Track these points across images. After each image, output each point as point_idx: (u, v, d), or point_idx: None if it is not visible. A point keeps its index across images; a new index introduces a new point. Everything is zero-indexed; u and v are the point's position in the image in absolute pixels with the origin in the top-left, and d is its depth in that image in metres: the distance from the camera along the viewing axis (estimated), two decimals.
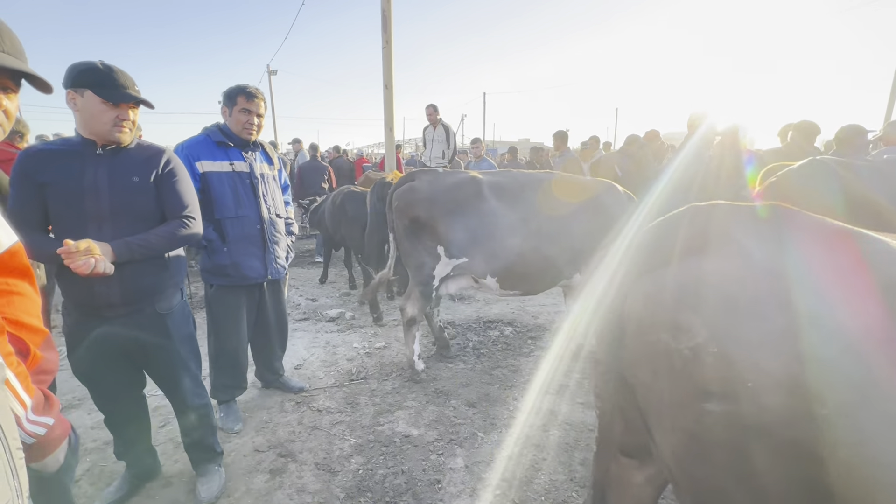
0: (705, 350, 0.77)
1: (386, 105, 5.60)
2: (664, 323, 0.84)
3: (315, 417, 2.67)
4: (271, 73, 20.38)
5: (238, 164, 2.40)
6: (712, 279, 0.81)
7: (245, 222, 2.40)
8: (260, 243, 2.47)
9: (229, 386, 2.61)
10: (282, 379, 2.96)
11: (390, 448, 2.38)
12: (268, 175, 2.53)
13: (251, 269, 2.45)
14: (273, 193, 2.55)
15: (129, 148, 1.75)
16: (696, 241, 0.88)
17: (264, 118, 2.47)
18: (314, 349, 3.66)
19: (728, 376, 0.74)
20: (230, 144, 2.40)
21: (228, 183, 2.36)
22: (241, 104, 2.34)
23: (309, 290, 5.35)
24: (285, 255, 2.65)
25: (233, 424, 2.53)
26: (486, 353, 3.57)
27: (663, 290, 0.87)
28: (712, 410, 0.76)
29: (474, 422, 2.62)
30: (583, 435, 2.49)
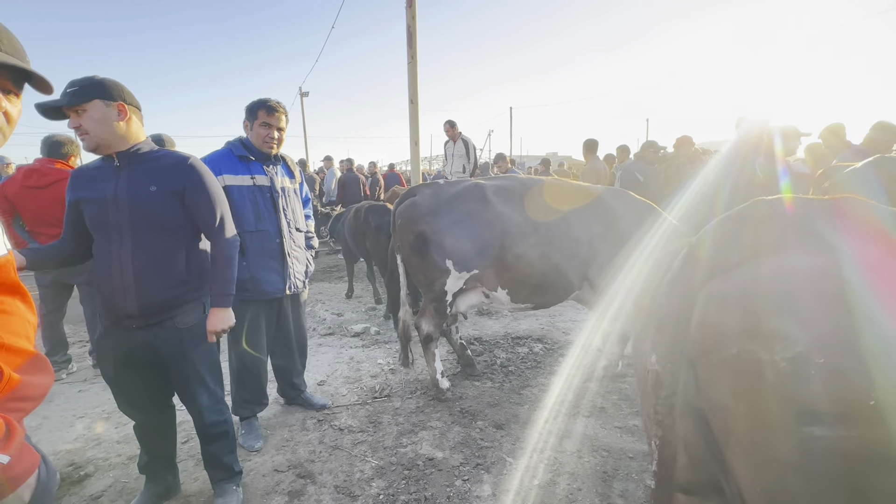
0: (809, 361, 0.62)
1: (412, 120, 5.62)
2: (750, 331, 0.70)
3: (336, 436, 2.58)
4: (303, 95, 21.13)
5: (259, 178, 2.39)
6: (806, 276, 0.67)
7: (265, 236, 2.38)
8: (279, 257, 2.45)
9: (249, 402, 2.57)
10: (303, 395, 2.90)
11: (413, 472, 2.25)
12: (289, 189, 2.53)
13: (270, 284, 2.43)
14: (293, 207, 2.54)
15: (149, 157, 1.75)
16: (774, 236, 0.75)
17: (285, 132, 2.47)
18: (338, 365, 3.60)
19: (841, 393, 0.60)
20: (251, 158, 2.40)
21: (249, 197, 2.35)
22: (261, 118, 2.35)
23: (335, 304, 5.34)
24: (304, 270, 2.62)
25: (253, 442, 2.47)
26: (514, 370, 3.40)
27: (745, 292, 0.73)
28: (821, 436, 0.61)
29: (503, 445, 2.46)
30: (621, 463, 2.29)
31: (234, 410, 2.53)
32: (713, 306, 0.77)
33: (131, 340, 1.77)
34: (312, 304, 5.30)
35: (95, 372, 3.45)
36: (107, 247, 1.71)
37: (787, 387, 0.65)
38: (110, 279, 1.71)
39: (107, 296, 1.74)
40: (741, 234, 0.79)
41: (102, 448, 2.53)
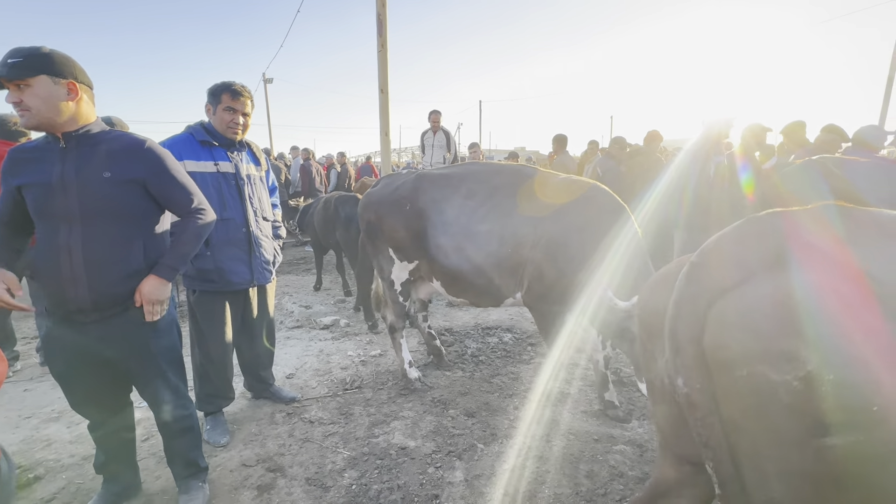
0: (820, 378, 0.65)
1: (382, 110, 5.53)
2: (759, 353, 0.72)
3: (307, 429, 2.55)
4: (267, 82, 20.35)
5: (223, 165, 2.30)
6: (807, 294, 0.69)
7: (230, 225, 2.30)
8: (246, 247, 2.37)
9: (215, 396, 2.49)
10: (272, 389, 2.84)
11: (385, 461, 2.26)
12: (254, 176, 2.44)
13: (236, 275, 2.35)
14: (260, 195, 2.46)
15: (100, 139, 1.62)
16: (771, 253, 0.76)
17: (251, 117, 2.38)
18: (307, 358, 3.54)
19: (851, 404, 0.64)
20: (214, 144, 2.30)
21: (213, 184, 2.25)
22: (225, 102, 2.26)
23: (303, 297, 5.23)
24: (272, 260, 2.55)
25: (219, 437, 2.40)
26: (485, 360, 3.46)
27: (749, 313, 0.74)
28: (835, 445, 0.65)
29: (473, 432, 2.51)
30: (587, 445, 2.38)
31: (199, 406, 2.44)
32: (720, 328, 0.78)
33: (84, 336, 1.66)
34: (280, 297, 5.16)
35: (43, 370, 3.24)
36: (52, 236, 1.58)
37: (800, 404, 0.68)
38: (58, 271, 1.58)
39: (55, 289, 1.60)
40: (739, 251, 0.80)
41: (53, 449, 2.39)
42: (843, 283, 0.68)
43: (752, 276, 0.76)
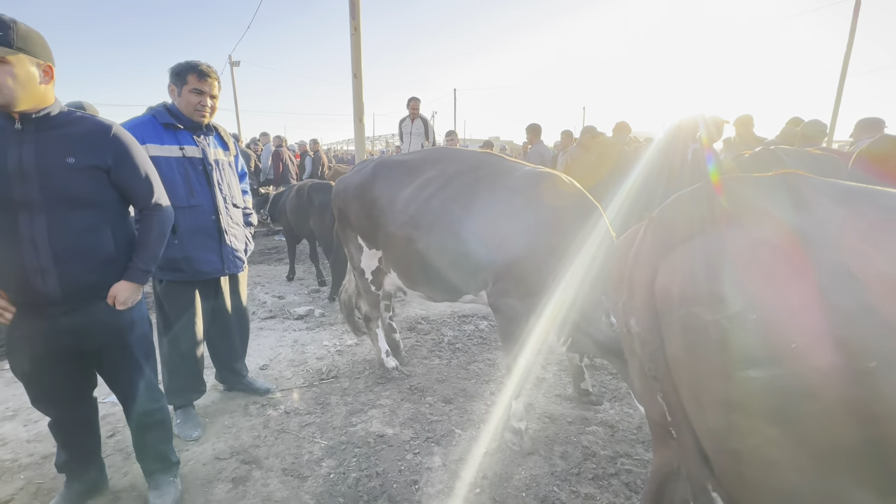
0: (744, 318, 0.75)
1: (355, 95, 5.40)
2: (696, 296, 0.82)
3: (282, 420, 2.51)
4: (233, 65, 19.54)
5: (189, 149, 2.19)
6: (742, 247, 0.80)
7: (198, 212, 2.20)
8: (216, 235, 2.28)
9: (185, 389, 2.42)
10: (245, 380, 2.77)
11: (364, 449, 2.25)
12: (223, 161, 2.34)
13: (206, 264, 2.27)
14: (229, 181, 2.37)
15: (61, 122, 1.52)
16: (720, 213, 0.87)
17: (218, 99, 2.28)
18: (281, 348, 3.47)
19: (771, 341, 0.73)
20: (179, 127, 2.19)
21: (178, 170, 2.15)
22: (192, 83, 2.14)
23: (276, 287, 5.11)
24: (244, 248, 2.47)
25: (191, 431, 2.33)
26: (461, 347, 3.48)
27: (692, 264, 0.85)
28: (757, 377, 0.74)
29: (451, 418, 2.53)
30: (561, 428, 2.44)
31: (169, 399, 2.36)
32: (668, 275, 0.89)
33: (54, 329, 1.58)
34: (252, 287, 5.03)
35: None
36: (12, 225, 1.47)
37: (726, 339, 0.78)
38: (22, 262, 1.48)
39: (19, 281, 1.50)
40: (691, 211, 0.91)
41: (9, 448, 2.26)
42: (771, 236, 0.78)
43: (698, 232, 0.87)
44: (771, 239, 0.77)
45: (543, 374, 3.02)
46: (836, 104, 10.78)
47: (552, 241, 2.08)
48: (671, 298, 0.87)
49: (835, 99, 10.79)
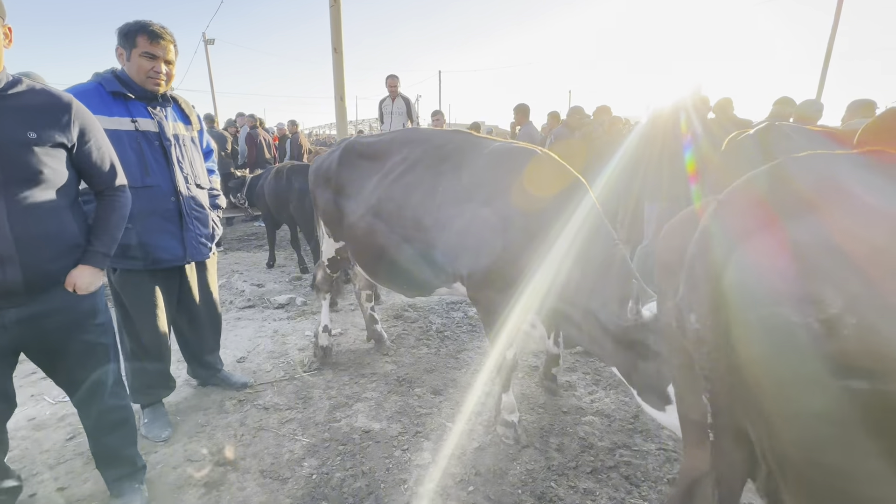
0: (842, 321, 0.63)
1: (336, 71, 5.13)
2: (781, 295, 0.70)
3: (261, 416, 2.35)
4: (208, 42, 18.69)
5: (143, 122, 1.95)
6: (837, 239, 0.67)
7: (155, 194, 1.98)
8: (176, 219, 2.06)
9: (151, 386, 2.23)
10: (220, 374, 2.59)
11: (349, 446, 2.11)
12: (184, 136, 2.10)
13: (165, 251, 2.05)
14: (192, 159, 2.13)
15: (14, 93, 1.34)
16: (803, 197, 0.73)
17: (175, 66, 2.03)
18: (260, 339, 3.28)
19: (875, 350, 0.61)
20: (130, 96, 1.95)
21: (131, 145, 1.91)
22: (142, 46, 1.89)
23: (255, 274, 4.88)
24: (210, 233, 2.25)
25: (160, 432, 2.15)
26: (450, 335, 3.35)
27: (774, 256, 0.72)
28: (858, 389, 0.63)
29: (441, 411, 2.41)
30: (556, 418, 2.34)
31: (134, 398, 2.18)
32: (743, 268, 0.76)
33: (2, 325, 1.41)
34: (229, 275, 4.80)
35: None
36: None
37: (820, 346, 0.66)
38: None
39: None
40: (769, 194, 0.78)
41: None
42: (873, 229, 0.65)
43: (780, 218, 0.74)
44: (870, 228, 0.65)
45: (535, 361, 2.92)
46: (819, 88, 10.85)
47: (530, 225, 1.85)
48: (747, 295, 0.75)
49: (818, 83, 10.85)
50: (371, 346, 3.14)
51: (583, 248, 1.79)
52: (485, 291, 2.00)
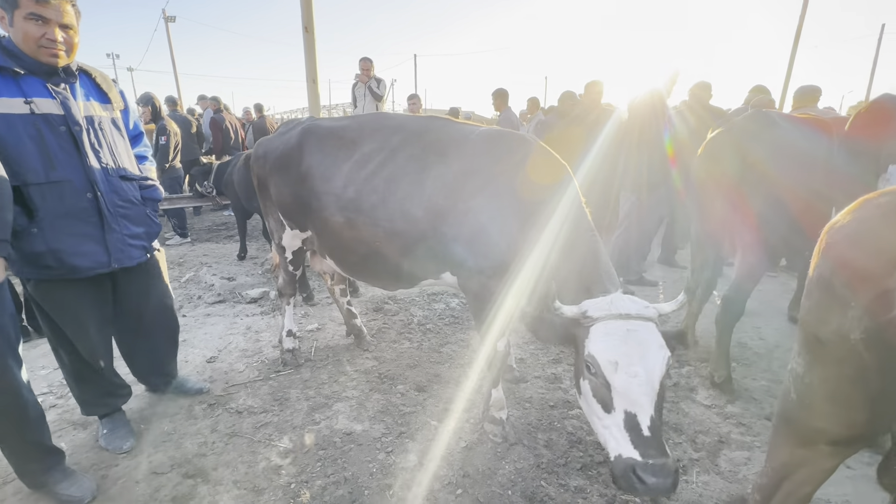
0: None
1: (307, 51, 4.86)
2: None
3: (234, 421, 2.20)
4: (168, 20, 17.62)
5: (42, 103, 1.60)
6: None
7: (65, 190, 1.65)
8: (95, 219, 1.73)
9: (103, 395, 2.01)
10: (175, 382, 2.38)
11: (329, 451, 2.00)
12: (100, 118, 1.77)
13: (82, 257, 1.72)
14: (112, 145, 1.80)
15: None
16: None
17: (77, 31, 1.67)
18: (232, 337, 3.11)
19: None
20: (20, 72, 1.58)
21: (27, 132, 1.57)
22: (26, 6, 1.51)
23: (225, 267, 4.64)
24: (145, 231, 1.92)
25: (121, 442, 1.98)
26: (432, 328, 3.26)
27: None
28: None
29: (426, 408, 2.32)
30: (544, 413, 2.30)
31: (88, 411, 1.99)
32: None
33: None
34: (197, 268, 4.55)
35: None
36: None
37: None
38: None
39: None
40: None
41: None
42: None
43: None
44: None
45: (521, 353, 2.86)
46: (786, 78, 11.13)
47: (524, 212, 1.80)
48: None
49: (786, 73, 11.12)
50: (350, 342, 3.02)
51: (568, 237, 1.75)
52: (478, 279, 1.91)
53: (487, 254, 1.84)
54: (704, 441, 2.10)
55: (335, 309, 3.53)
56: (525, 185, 1.83)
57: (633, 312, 1.37)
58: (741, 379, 2.62)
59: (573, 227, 1.75)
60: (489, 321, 1.91)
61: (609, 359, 1.31)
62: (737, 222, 2.31)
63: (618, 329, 1.34)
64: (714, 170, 2.43)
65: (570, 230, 1.74)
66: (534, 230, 1.76)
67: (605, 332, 1.35)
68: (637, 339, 1.32)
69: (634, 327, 1.35)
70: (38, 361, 2.71)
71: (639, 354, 1.30)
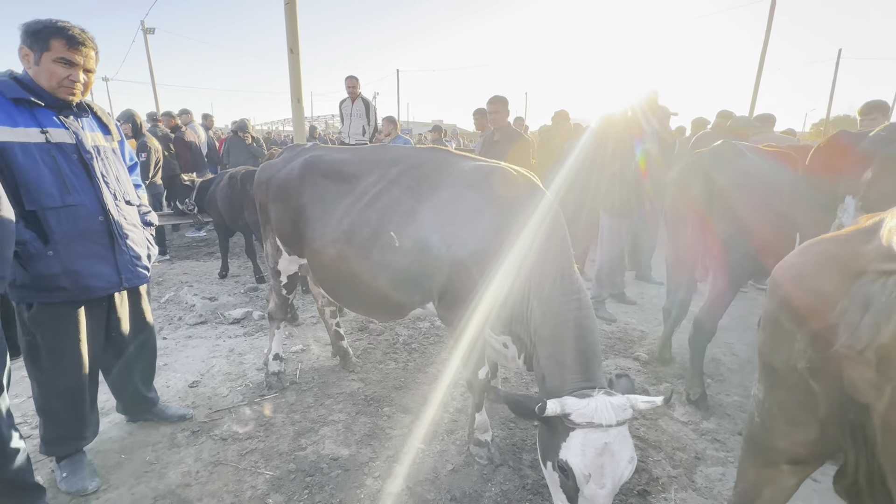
0: None
1: (292, 72, 4.90)
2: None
3: (218, 449, 2.18)
4: (147, 32, 17.42)
5: (56, 133, 1.73)
6: None
7: (80, 213, 1.76)
8: (106, 241, 1.85)
9: (68, 437, 1.94)
10: (156, 409, 2.35)
11: (316, 477, 2.00)
12: (105, 148, 1.91)
13: (97, 278, 1.83)
14: (117, 173, 1.95)
15: None
16: None
17: (94, 74, 1.82)
18: (215, 360, 3.07)
19: None
20: (39, 104, 1.72)
21: (44, 160, 1.69)
22: (58, 51, 1.67)
23: (206, 287, 4.57)
24: (146, 254, 2.04)
25: (86, 483, 1.89)
26: (417, 348, 3.29)
27: None
28: None
29: (413, 431, 2.34)
30: (528, 433, 2.35)
31: (46, 451, 1.94)
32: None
33: None
34: (177, 288, 4.47)
35: None
36: None
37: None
38: None
39: None
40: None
41: None
42: None
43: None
44: None
45: (506, 373, 2.92)
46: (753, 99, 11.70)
47: (504, 244, 1.80)
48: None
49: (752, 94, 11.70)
50: (336, 363, 3.02)
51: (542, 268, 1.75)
52: (457, 311, 1.95)
53: (466, 288, 1.86)
54: (682, 458, 2.18)
55: (319, 329, 3.53)
56: (508, 224, 1.83)
57: (613, 422, 1.37)
58: (715, 395, 2.73)
59: (558, 287, 1.71)
60: (472, 353, 1.95)
61: (584, 472, 1.35)
62: (706, 246, 2.44)
63: (596, 442, 1.36)
64: (684, 196, 2.57)
65: (552, 289, 1.71)
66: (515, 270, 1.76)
67: (583, 444, 1.37)
68: (612, 451, 1.36)
69: (612, 439, 1.36)
70: (13, 389, 2.63)
71: (611, 468, 1.35)
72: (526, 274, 1.76)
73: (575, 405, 1.40)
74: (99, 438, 2.11)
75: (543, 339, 1.67)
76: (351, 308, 2.50)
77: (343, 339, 3.02)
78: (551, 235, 1.80)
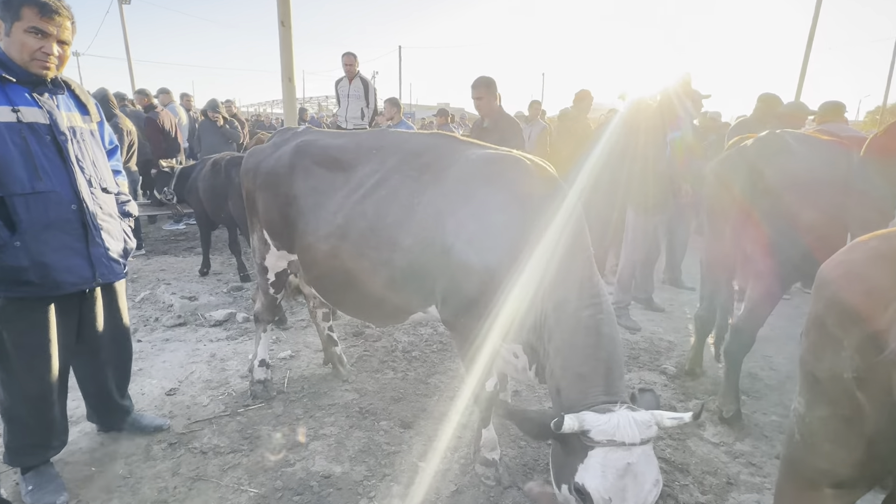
0: None
1: (283, 48, 4.93)
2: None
3: (198, 463, 2.21)
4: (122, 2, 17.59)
5: (28, 112, 1.74)
6: None
7: (51, 201, 1.77)
8: (79, 232, 1.86)
9: (34, 446, 1.97)
10: (130, 418, 2.37)
11: (305, 496, 2.03)
12: (81, 130, 1.92)
13: (68, 272, 1.84)
14: (94, 157, 1.95)
15: None
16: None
17: (70, 46, 1.85)
18: (194, 365, 3.11)
19: None
20: (10, 80, 1.74)
21: (13, 139, 1.70)
22: (29, 19, 1.68)
23: (185, 285, 4.62)
24: (123, 248, 2.06)
25: (52, 497, 1.92)
26: (418, 356, 3.31)
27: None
28: None
29: (412, 447, 2.37)
30: (540, 452, 2.36)
31: (9, 461, 1.96)
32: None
33: None
34: (154, 286, 4.52)
35: None
36: None
37: None
38: None
39: None
40: None
41: None
42: None
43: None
44: None
45: (517, 386, 2.93)
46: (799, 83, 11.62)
47: (516, 243, 1.79)
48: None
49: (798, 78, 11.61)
50: (328, 371, 3.05)
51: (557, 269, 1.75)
52: (461, 316, 1.97)
53: (473, 290, 1.86)
54: (712, 483, 2.19)
55: (310, 333, 3.56)
56: (519, 219, 1.82)
57: (637, 440, 1.36)
58: (751, 414, 2.72)
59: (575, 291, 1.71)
60: (475, 360, 1.95)
61: (603, 497, 1.34)
62: (748, 248, 2.43)
63: (618, 462, 1.34)
64: (725, 193, 2.56)
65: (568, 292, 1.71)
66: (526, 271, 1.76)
67: (603, 465, 1.35)
68: (635, 473, 1.34)
69: (635, 459, 1.35)
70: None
71: (634, 492, 1.34)
72: (539, 275, 1.77)
73: (595, 421, 1.39)
74: (68, 449, 2.14)
75: (559, 347, 1.67)
76: (345, 310, 2.52)
77: (336, 345, 3.05)
78: (566, 231, 1.80)
